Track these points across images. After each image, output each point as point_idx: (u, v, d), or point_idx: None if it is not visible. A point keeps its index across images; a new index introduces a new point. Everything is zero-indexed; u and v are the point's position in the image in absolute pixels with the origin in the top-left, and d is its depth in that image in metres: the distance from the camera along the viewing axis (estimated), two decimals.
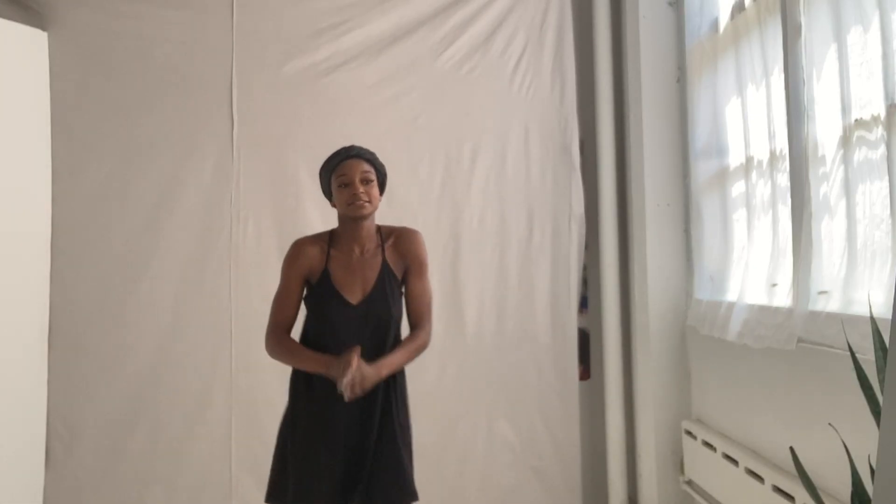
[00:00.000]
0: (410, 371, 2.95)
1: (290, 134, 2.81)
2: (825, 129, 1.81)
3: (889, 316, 0.76)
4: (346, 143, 2.06)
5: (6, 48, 2.49)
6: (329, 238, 2.01)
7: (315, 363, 1.88)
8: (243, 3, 2.79)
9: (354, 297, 1.93)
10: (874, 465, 0.67)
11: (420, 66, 2.91)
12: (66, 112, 2.70)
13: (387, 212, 2.86)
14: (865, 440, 1.31)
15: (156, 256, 2.72)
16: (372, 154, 1.99)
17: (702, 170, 2.65)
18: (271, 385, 2.76)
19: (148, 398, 2.69)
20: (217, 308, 2.73)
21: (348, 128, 2.85)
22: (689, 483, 2.60)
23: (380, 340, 1.93)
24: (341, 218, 1.98)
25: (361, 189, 1.91)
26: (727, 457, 2.23)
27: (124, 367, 2.69)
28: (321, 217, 2.82)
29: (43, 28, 2.65)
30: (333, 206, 2.01)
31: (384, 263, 1.96)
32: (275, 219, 2.79)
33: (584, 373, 3.09)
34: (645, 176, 2.80)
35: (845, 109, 1.69)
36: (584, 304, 3.09)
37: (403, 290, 1.99)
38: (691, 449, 2.55)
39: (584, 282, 3.10)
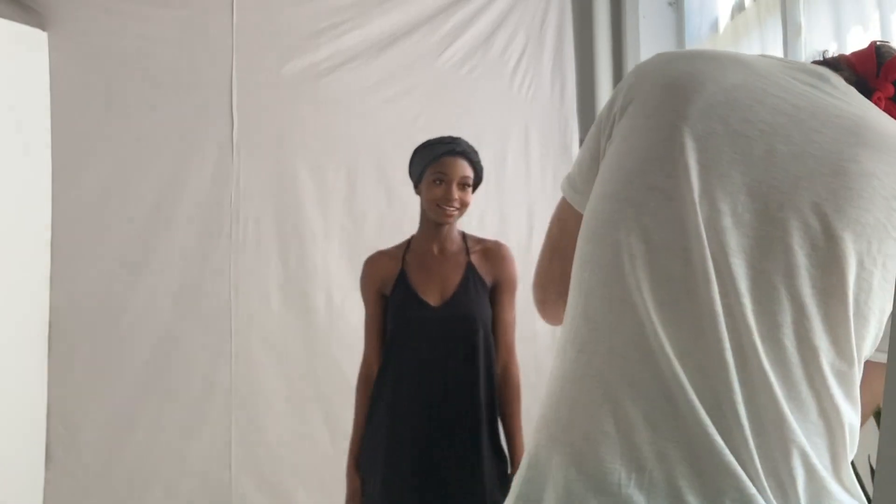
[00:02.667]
0: None
1: (290, 134, 2.81)
2: None
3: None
4: (346, 143, 2.03)
5: (6, 48, 2.49)
6: (407, 245, 1.87)
7: (351, 446, 1.77)
8: (243, 3, 2.79)
9: (434, 298, 1.75)
10: (874, 465, 0.67)
11: (420, 66, 2.91)
12: (66, 112, 2.69)
13: (386, 212, 2.88)
14: (865, 440, 1.31)
15: (156, 256, 2.72)
16: (476, 154, 1.82)
17: None
18: (271, 385, 2.77)
19: (148, 398, 2.69)
20: (217, 308, 2.73)
21: (348, 128, 2.85)
22: None
23: (470, 348, 1.73)
24: (424, 215, 1.84)
25: (457, 194, 1.75)
26: None
27: (124, 367, 2.68)
28: (321, 217, 2.83)
29: (43, 28, 2.65)
30: (417, 193, 1.86)
31: (469, 265, 1.78)
32: (275, 219, 2.79)
33: None
34: None
35: None
36: None
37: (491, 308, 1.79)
38: None
39: None
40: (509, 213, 2.95)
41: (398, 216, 2.88)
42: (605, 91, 3.03)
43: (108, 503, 2.66)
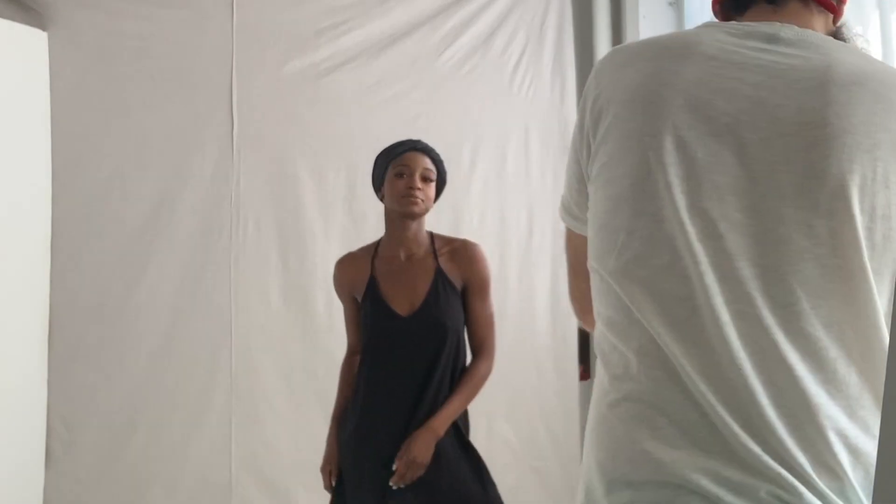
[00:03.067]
0: None
1: (290, 134, 2.81)
2: None
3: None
4: (346, 143, 2.04)
5: (6, 48, 2.49)
6: (375, 249, 1.85)
7: (331, 426, 1.89)
8: (243, 3, 2.79)
9: (402, 308, 1.74)
10: (874, 465, 0.67)
11: (420, 66, 2.91)
12: (66, 112, 2.69)
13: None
14: None
15: (156, 256, 2.72)
16: (437, 154, 1.86)
17: None
18: (271, 385, 2.77)
19: (148, 398, 2.69)
20: (217, 308, 2.73)
21: (348, 128, 2.85)
22: None
23: (439, 354, 1.72)
24: (389, 214, 1.83)
25: (419, 185, 1.76)
26: None
27: (124, 367, 2.68)
28: (322, 217, 2.83)
29: (43, 28, 2.65)
30: (381, 199, 1.86)
31: (438, 270, 1.76)
32: (275, 219, 2.79)
33: (584, 373, 3.09)
34: None
35: None
36: None
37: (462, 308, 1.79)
38: None
39: None
40: (509, 213, 2.95)
41: None
42: None
43: (108, 503, 2.66)
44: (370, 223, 2.86)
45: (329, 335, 2.79)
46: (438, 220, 2.90)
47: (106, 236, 2.70)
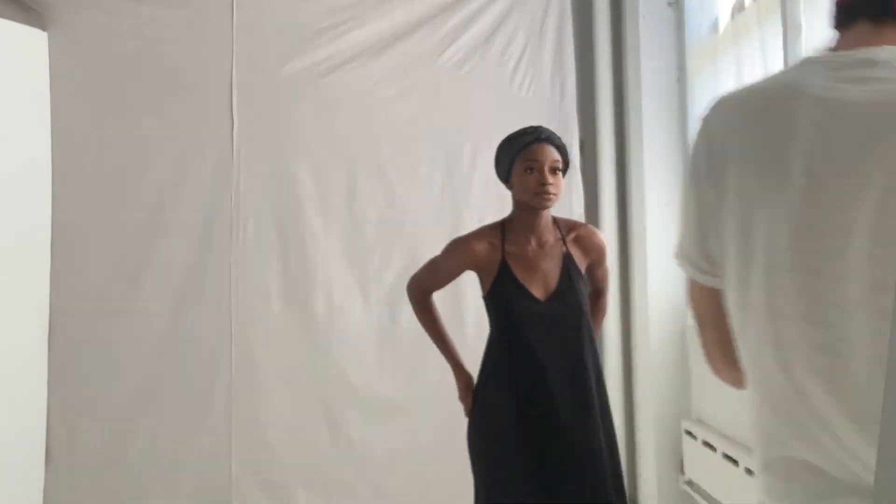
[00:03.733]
0: (411, 371, 2.95)
1: (290, 134, 2.81)
2: None
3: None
4: (346, 143, 2.04)
5: (6, 48, 2.49)
6: (501, 230, 1.87)
7: (447, 353, 1.88)
8: (243, 3, 2.79)
9: (539, 293, 1.80)
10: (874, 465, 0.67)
11: (420, 66, 2.91)
12: (66, 112, 2.69)
13: (386, 212, 2.88)
14: None
15: (156, 256, 2.72)
16: (560, 140, 1.86)
17: None
18: (271, 385, 2.77)
19: (148, 398, 2.69)
20: (217, 308, 2.73)
21: (348, 128, 2.85)
22: (689, 483, 2.60)
23: (575, 338, 1.81)
24: (519, 205, 1.85)
25: (550, 179, 1.77)
26: (727, 457, 2.23)
27: (124, 367, 2.68)
28: (321, 217, 2.83)
29: (43, 28, 2.65)
30: (508, 188, 1.88)
31: (568, 256, 1.84)
32: (275, 219, 2.79)
33: None
34: (645, 176, 2.80)
35: None
36: None
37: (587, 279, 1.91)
38: (691, 449, 2.55)
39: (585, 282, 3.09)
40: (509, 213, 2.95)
41: (398, 216, 2.89)
42: (605, 91, 3.03)
43: (108, 503, 2.66)
44: (370, 223, 2.87)
45: (329, 335, 2.80)
46: (438, 218, 2.90)
47: (106, 236, 2.70)
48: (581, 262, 1.88)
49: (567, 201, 2.99)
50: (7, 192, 2.47)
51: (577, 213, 2.99)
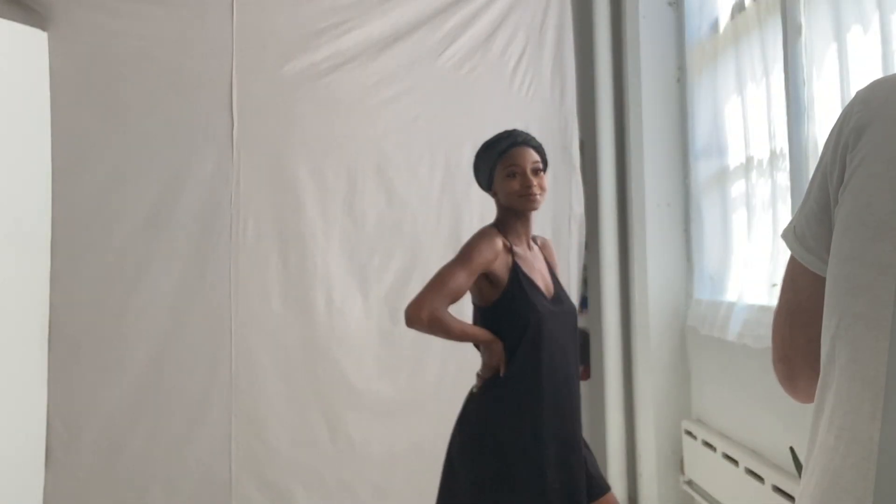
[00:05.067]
0: (411, 371, 2.95)
1: (290, 134, 2.81)
2: (825, 129, 1.81)
3: None
4: (346, 143, 2.03)
5: (6, 48, 2.49)
6: (499, 232, 1.85)
7: (477, 333, 1.76)
8: (243, 3, 2.79)
9: (548, 294, 1.83)
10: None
11: (420, 66, 2.91)
12: (66, 112, 2.69)
13: (386, 212, 2.88)
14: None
15: (156, 256, 2.72)
16: (538, 141, 1.86)
17: (702, 169, 2.65)
18: (271, 385, 2.77)
19: (148, 398, 2.69)
20: (217, 308, 2.73)
21: (348, 128, 2.85)
22: (689, 483, 2.60)
23: (572, 340, 1.83)
24: (507, 211, 1.84)
25: (534, 180, 1.78)
26: (727, 457, 2.23)
27: (124, 367, 2.68)
28: (321, 217, 2.83)
29: (43, 28, 2.65)
30: (492, 195, 1.87)
31: (546, 261, 1.90)
32: (275, 219, 2.79)
33: (584, 373, 3.09)
34: (645, 176, 2.81)
35: None
36: (584, 304, 3.09)
37: None
38: (691, 449, 2.55)
39: (584, 282, 3.10)
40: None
41: (398, 216, 2.89)
42: (605, 91, 3.03)
43: (108, 503, 2.66)
44: (370, 223, 2.87)
45: (329, 335, 2.80)
46: (438, 218, 2.91)
47: (106, 236, 2.70)
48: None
49: (567, 201, 2.99)
50: (7, 192, 2.47)
51: (577, 213, 2.99)
